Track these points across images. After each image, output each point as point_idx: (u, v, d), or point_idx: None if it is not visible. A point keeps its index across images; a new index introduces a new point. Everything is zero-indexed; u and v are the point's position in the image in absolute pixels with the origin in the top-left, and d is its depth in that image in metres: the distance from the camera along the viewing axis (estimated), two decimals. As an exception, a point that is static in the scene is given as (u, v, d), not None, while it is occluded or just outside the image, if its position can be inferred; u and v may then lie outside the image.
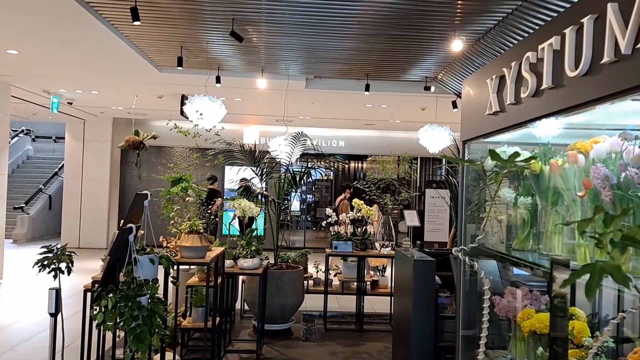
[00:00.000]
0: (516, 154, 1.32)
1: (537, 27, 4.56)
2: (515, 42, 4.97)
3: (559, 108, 1.88)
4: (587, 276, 0.83)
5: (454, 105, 7.61)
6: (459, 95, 7.54)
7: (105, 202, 12.92)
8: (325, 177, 15.01)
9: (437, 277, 4.02)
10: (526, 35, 4.76)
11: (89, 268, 6.79)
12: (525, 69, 2.12)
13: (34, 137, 17.99)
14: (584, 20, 1.71)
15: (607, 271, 0.77)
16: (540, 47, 2.00)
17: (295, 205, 14.79)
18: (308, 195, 15.51)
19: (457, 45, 5.39)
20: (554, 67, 1.91)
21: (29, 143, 17.92)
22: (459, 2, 4.78)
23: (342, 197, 10.13)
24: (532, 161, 2.14)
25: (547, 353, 2.21)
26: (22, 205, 14.26)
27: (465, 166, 2.87)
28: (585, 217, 1.94)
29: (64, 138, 13.63)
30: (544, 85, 1.95)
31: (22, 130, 17.04)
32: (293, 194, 7.33)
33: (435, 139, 6.97)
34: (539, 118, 2.06)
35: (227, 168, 13.37)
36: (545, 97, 1.98)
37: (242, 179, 10.69)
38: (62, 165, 14.92)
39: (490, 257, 3.02)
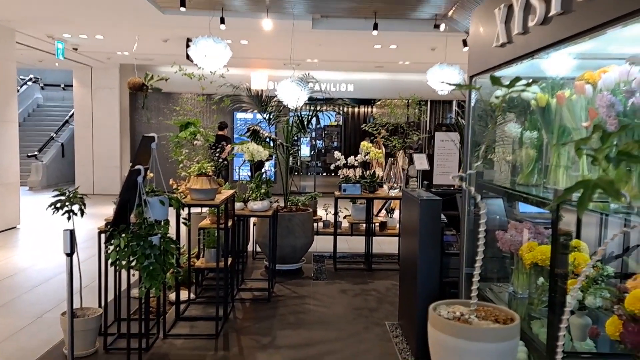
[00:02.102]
0: (517, 79, 1.30)
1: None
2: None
3: (568, 35, 1.82)
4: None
5: (464, 43, 7.40)
6: (469, 33, 7.31)
7: (117, 149, 13.03)
8: (335, 123, 14.90)
9: (443, 216, 4.06)
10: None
11: (103, 213, 6.92)
12: (535, -6, 2.04)
13: (42, 85, 17.94)
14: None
15: (601, 186, 0.77)
16: (550, -29, 1.92)
17: (305, 151, 14.80)
18: (318, 141, 15.47)
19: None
20: (563, -9, 1.83)
21: (37, 91, 17.90)
22: None
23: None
24: (532, 91, 2.10)
25: (547, 283, 2.25)
26: (36, 153, 14.43)
27: (472, 103, 2.82)
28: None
29: (72, 86, 13.58)
30: (553, 12, 1.88)
31: (30, 79, 16.97)
32: (302, 138, 7.32)
33: (445, 79, 6.82)
34: (547, 47, 2.00)
35: (236, 115, 13.33)
36: (554, 24, 1.91)
37: (252, 124, 10.68)
38: (73, 113, 14.96)
39: (495, 192, 3.03)
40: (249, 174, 8.12)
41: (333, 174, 15.76)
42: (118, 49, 10.64)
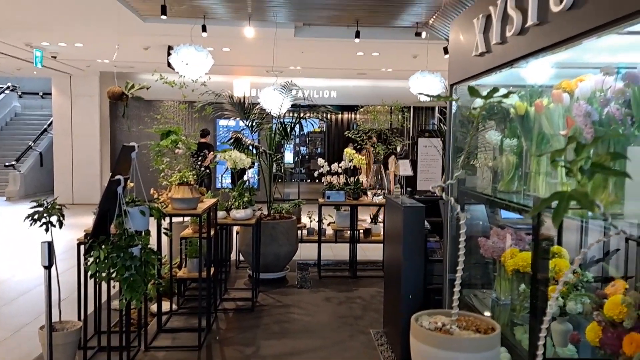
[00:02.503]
0: (495, 89, 1.31)
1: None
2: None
3: (544, 45, 1.84)
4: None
5: (445, 51, 7.48)
6: (449, 40, 7.39)
7: (97, 158, 12.85)
8: (318, 129, 14.92)
9: (426, 223, 4.08)
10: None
11: (83, 223, 6.82)
12: (511, 5, 2.06)
13: (20, 93, 17.64)
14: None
15: (575, 198, 0.78)
16: (526, -18, 1.95)
17: (289, 157, 14.78)
18: (302, 148, 15.47)
19: (448, -13, 5.24)
20: (539, 3, 1.86)
21: (15, 100, 17.60)
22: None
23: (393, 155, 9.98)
24: (511, 96, 2.13)
25: (529, 289, 2.27)
26: (13, 162, 14.17)
27: (452, 111, 2.84)
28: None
29: (51, 94, 13.39)
30: (529, 22, 1.91)
31: (8, 87, 16.69)
32: (285, 145, 7.31)
33: (427, 86, 6.88)
34: (525, 57, 2.03)
35: (219, 122, 13.27)
36: (530, 34, 1.94)
37: (234, 132, 10.63)
38: (52, 122, 14.74)
39: (478, 200, 3.05)
40: (231, 181, 8.09)
41: (317, 181, 15.77)
42: (98, 57, 10.52)
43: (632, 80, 1.51)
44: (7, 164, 13.87)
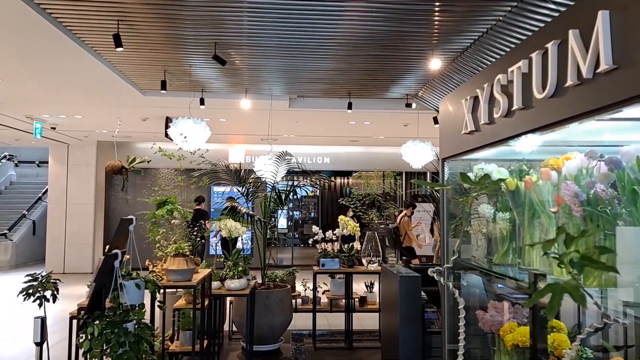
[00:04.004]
0: (486, 176, 1.38)
1: (512, 46, 4.70)
2: (492, 59, 5.11)
3: (529, 128, 1.96)
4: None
5: (435, 121, 7.73)
6: (438, 111, 7.68)
7: (90, 226, 12.79)
8: (312, 194, 15.04)
9: (423, 293, 4.07)
10: (502, 53, 4.90)
11: (74, 293, 6.71)
12: (497, 90, 2.20)
13: (16, 162, 17.80)
14: (549, 45, 1.79)
15: (567, 291, 0.83)
16: (509, 69, 2.09)
17: (283, 222, 14.77)
18: (295, 212, 15.50)
19: (435, 63, 5.52)
20: (523, 89, 1.99)
21: (11, 168, 17.73)
22: (436, 22, 4.92)
23: (403, 214, 9.94)
24: (501, 183, 2.22)
25: (529, 365, 2.26)
26: (5, 231, 14.05)
27: (445, 185, 2.93)
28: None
29: (47, 162, 13.52)
30: (515, 106, 2.03)
31: (5, 156, 16.86)
32: (279, 212, 7.35)
33: (418, 155, 7.07)
34: (511, 138, 2.14)
35: (214, 188, 13.37)
36: (516, 117, 2.06)
37: (229, 198, 10.70)
38: (46, 190, 14.76)
39: (473, 271, 3.08)
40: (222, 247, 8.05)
41: (310, 245, 15.68)
42: (97, 128, 10.75)
43: (615, 166, 1.60)
44: (-1, 233, 13.75)
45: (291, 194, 6.69)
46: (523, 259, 2.40)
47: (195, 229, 5.54)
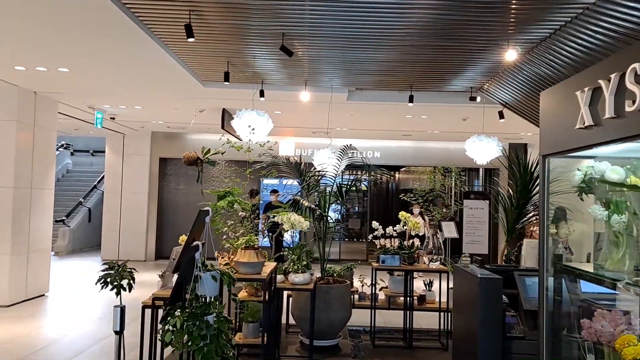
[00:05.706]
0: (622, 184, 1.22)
1: (599, 37, 4.41)
2: (576, 51, 4.82)
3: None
4: None
5: (501, 115, 7.45)
6: (505, 105, 7.38)
7: (144, 215, 13.08)
8: (365, 188, 14.90)
9: (504, 296, 3.88)
10: (587, 44, 4.61)
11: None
12: (630, 80, 2.00)
13: (72, 151, 18.42)
14: None
15: None
16: (649, 57, 1.90)
17: (331, 216, 14.70)
18: (342, 207, 15.38)
19: (511, 55, 5.27)
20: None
21: (68, 157, 18.36)
22: (513, 11, 4.67)
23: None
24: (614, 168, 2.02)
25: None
26: (63, 218, 14.56)
27: (546, 183, 2.75)
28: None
29: (100, 152, 13.90)
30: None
31: (62, 145, 17.46)
32: (341, 207, 7.26)
33: (483, 150, 6.82)
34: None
35: (264, 181, 13.44)
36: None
37: (273, 191, 10.72)
38: (101, 178, 15.20)
39: (573, 275, 2.89)
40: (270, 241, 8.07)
41: (355, 240, 15.62)
42: (154, 118, 10.94)
43: None
44: (57, 219, 14.24)
45: (352, 187, 6.58)
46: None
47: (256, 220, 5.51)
